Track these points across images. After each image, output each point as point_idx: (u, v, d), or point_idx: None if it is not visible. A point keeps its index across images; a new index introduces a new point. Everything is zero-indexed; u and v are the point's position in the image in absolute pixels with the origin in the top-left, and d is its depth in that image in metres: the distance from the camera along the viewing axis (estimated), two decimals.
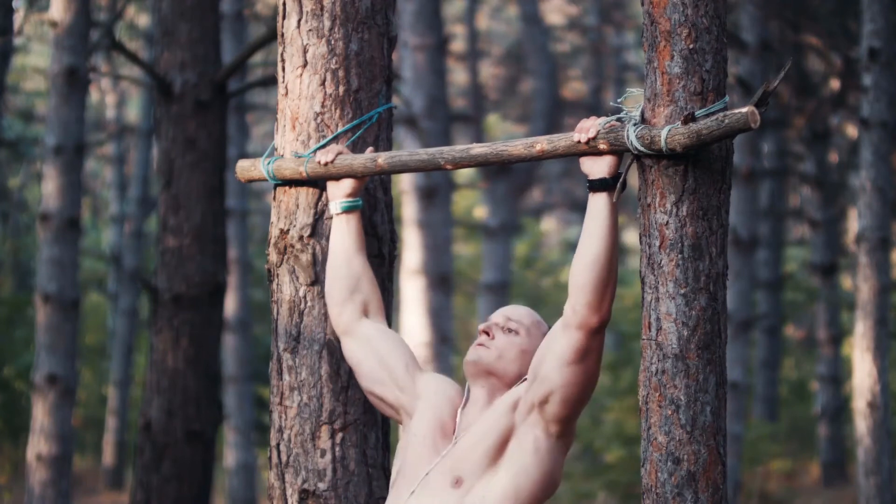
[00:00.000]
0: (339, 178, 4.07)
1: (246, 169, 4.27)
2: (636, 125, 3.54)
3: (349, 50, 4.18)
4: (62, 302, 7.33)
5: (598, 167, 3.63)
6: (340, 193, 4.07)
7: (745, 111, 3.39)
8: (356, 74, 4.19)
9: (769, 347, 15.45)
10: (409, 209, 11.77)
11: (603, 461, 13.46)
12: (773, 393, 15.53)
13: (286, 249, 4.18)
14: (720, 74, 3.52)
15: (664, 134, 3.47)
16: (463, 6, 19.98)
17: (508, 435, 3.71)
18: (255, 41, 7.07)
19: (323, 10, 4.18)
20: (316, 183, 4.15)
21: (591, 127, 3.62)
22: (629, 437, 12.31)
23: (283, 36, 4.23)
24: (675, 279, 3.49)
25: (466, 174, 20.92)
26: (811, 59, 13.70)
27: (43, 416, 7.24)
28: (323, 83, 4.17)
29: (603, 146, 3.61)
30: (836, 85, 12.87)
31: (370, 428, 4.15)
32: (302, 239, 4.17)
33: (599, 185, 3.62)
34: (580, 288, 3.62)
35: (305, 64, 4.18)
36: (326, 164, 4.06)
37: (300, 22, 4.19)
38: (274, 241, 4.21)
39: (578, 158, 3.67)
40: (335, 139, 4.16)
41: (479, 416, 3.79)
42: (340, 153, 4.07)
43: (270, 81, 6.93)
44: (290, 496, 4.12)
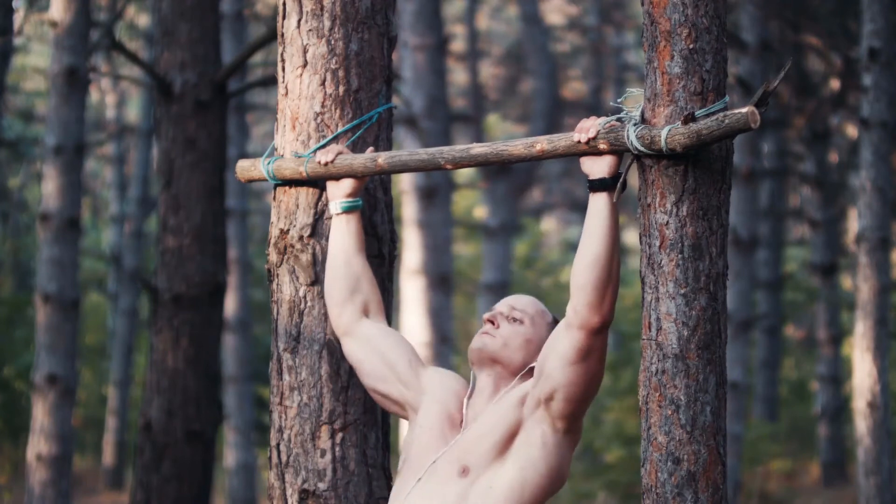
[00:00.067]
0: (339, 178, 4.06)
1: (246, 169, 4.27)
2: (636, 125, 3.54)
3: (349, 50, 4.18)
4: (62, 302, 7.33)
5: (598, 167, 3.63)
6: (340, 193, 4.07)
7: (745, 111, 3.39)
8: (356, 74, 4.19)
9: (769, 347, 15.45)
10: (409, 209, 11.76)
11: (603, 461, 13.45)
12: (773, 393, 15.53)
13: (286, 249, 4.18)
14: (720, 74, 3.52)
15: (664, 134, 3.47)
16: (463, 6, 19.98)
17: (516, 429, 3.72)
18: (255, 41, 7.07)
19: (323, 10, 4.18)
20: (316, 183, 4.15)
21: (591, 127, 3.62)
22: (629, 437, 12.30)
23: (283, 36, 4.23)
24: (675, 279, 3.49)
25: (466, 174, 20.91)
26: (811, 59, 13.70)
27: (43, 416, 7.24)
28: (323, 83, 4.17)
29: (603, 146, 3.61)
30: (836, 85, 12.87)
31: (370, 428, 4.15)
32: (302, 239, 4.16)
33: (599, 185, 3.62)
34: (581, 288, 3.62)
35: (305, 64, 4.18)
36: (326, 164, 4.06)
37: (300, 22, 4.19)
38: (274, 241, 4.21)
39: (578, 158, 3.67)
40: (335, 139, 4.16)
41: (485, 405, 3.81)
42: (340, 153, 4.06)
43: (270, 81, 6.93)
44: (290, 496, 4.12)
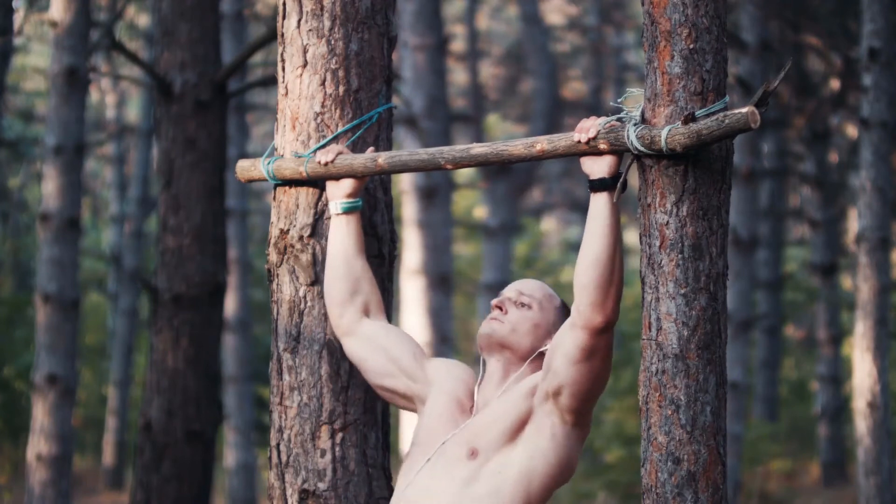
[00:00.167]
0: (339, 178, 4.06)
1: (246, 169, 4.27)
2: (636, 125, 3.54)
3: (349, 50, 4.18)
4: (62, 302, 7.33)
5: (598, 167, 3.63)
6: (340, 194, 4.06)
7: (745, 111, 3.39)
8: (356, 74, 4.19)
9: (769, 347, 15.45)
10: (409, 209, 11.76)
11: (603, 461, 13.45)
12: (773, 393, 15.52)
13: (286, 249, 4.18)
14: (720, 74, 3.52)
15: (664, 134, 3.46)
16: (463, 6, 19.98)
17: (526, 417, 3.73)
18: (255, 41, 7.06)
19: (323, 10, 4.18)
20: (316, 183, 4.14)
21: (591, 127, 3.62)
22: (629, 437, 12.30)
23: (283, 36, 4.23)
24: (675, 279, 3.49)
25: (466, 174, 20.91)
26: (811, 59, 13.70)
27: (43, 416, 7.24)
28: (323, 83, 4.17)
29: (603, 146, 3.60)
30: (836, 85, 12.86)
31: (370, 428, 4.15)
32: (302, 239, 4.16)
33: (599, 184, 3.61)
34: (583, 288, 3.62)
35: (305, 64, 4.18)
36: (326, 164, 4.06)
37: (300, 22, 4.19)
38: (274, 241, 4.21)
39: (579, 158, 3.67)
40: (335, 139, 4.15)
41: (495, 390, 3.82)
42: (340, 153, 4.06)
43: (270, 81, 6.93)
44: (290, 496, 4.12)
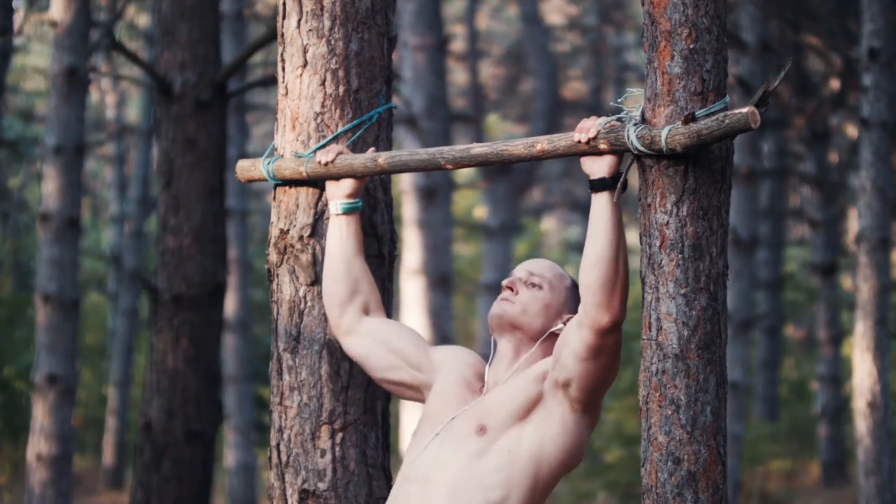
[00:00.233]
0: (339, 178, 4.06)
1: (246, 169, 4.26)
2: (636, 125, 3.54)
3: (349, 50, 4.18)
4: (62, 302, 7.33)
5: (598, 167, 3.62)
6: (340, 194, 4.06)
7: (745, 111, 3.38)
8: (356, 74, 4.19)
9: (769, 347, 15.45)
10: (409, 209, 11.76)
11: (603, 461, 13.45)
12: (773, 393, 15.53)
13: (286, 249, 4.18)
14: (720, 74, 3.52)
15: (664, 134, 3.46)
16: (463, 6, 19.98)
17: (536, 401, 3.74)
18: (255, 41, 7.06)
19: (323, 10, 4.17)
20: (316, 183, 4.14)
21: (591, 127, 3.62)
22: (629, 437, 12.30)
23: (283, 36, 4.23)
24: (675, 279, 3.49)
25: (466, 174, 20.91)
26: (811, 59, 13.70)
27: (43, 416, 7.23)
28: (323, 83, 4.17)
29: (603, 146, 3.60)
30: (836, 85, 12.86)
31: (370, 428, 4.15)
32: (302, 239, 4.16)
33: (600, 184, 3.61)
34: (588, 288, 3.62)
35: (305, 64, 4.18)
36: (326, 163, 4.05)
37: (300, 22, 4.19)
38: (274, 241, 4.21)
39: (579, 158, 3.67)
40: (335, 139, 4.15)
41: (507, 370, 3.83)
42: (340, 153, 4.06)
43: (270, 81, 6.93)
44: (290, 496, 4.12)
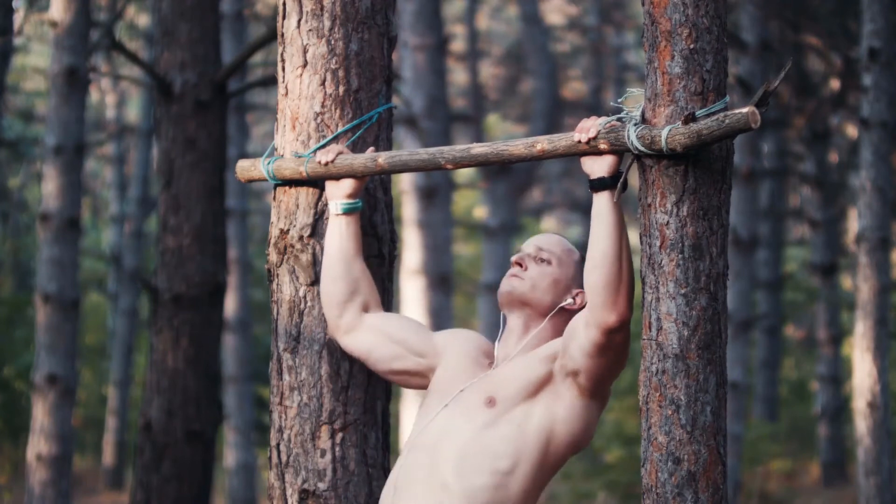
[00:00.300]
0: (339, 178, 4.06)
1: (246, 169, 4.26)
2: (636, 125, 3.54)
3: (349, 50, 4.18)
4: (62, 302, 7.33)
5: (598, 167, 3.62)
6: (340, 194, 4.05)
7: (745, 111, 3.38)
8: (356, 74, 4.18)
9: (769, 347, 15.45)
10: (409, 209, 11.76)
11: (603, 461, 13.45)
12: (773, 393, 15.53)
13: (286, 249, 4.18)
14: (720, 74, 3.52)
15: (664, 134, 3.46)
16: (463, 6, 19.98)
17: (546, 381, 3.74)
18: (255, 41, 7.06)
19: (323, 10, 4.17)
20: (316, 183, 4.14)
21: (591, 127, 3.62)
22: (629, 437, 12.30)
23: (283, 36, 4.23)
24: (675, 279, 3.49)
25: (466, 174, 20.91)
26: (811, 59, 13.70)
27: (43, 416, 7.23)
28: (323, 83, 4.17)
29: (603, 146, 3.60)
30: (836, 85, 12.87)
31: (370, 428, 4.15)
32: (302, 239, 4.16)
33: (599, 184, 3.61)
34: (592, 288, 3.62)
35: (305, 64, 4.18)
36: (327, 163, 4.05)
37: (300, 22, 4.19)
38: (274, 241, 4.21)
39: (579, 158, 3.67)
40: (335, 139, 4.15)
41: (516, 345, 3.83)
42: (340, 153, 4.06)
43: (270, 81, 6.92)
44: (290, 496, 4.12)
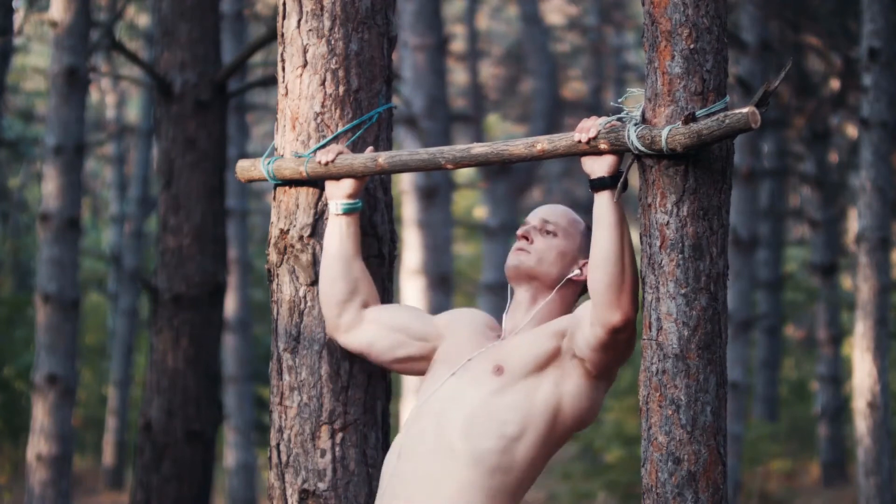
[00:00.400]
0: (339, 177, 4.06)
1: (246, 169, 4.26)
2: (637, 125, 3.54)
3: (349, 50, 4.18)
4: (62, 302, 7.33)
5: (598, 167, 3.63)
6: (340, 194, 4.05)
7: (745, 111, 3.38)
8: (356, 74, 4.18)
9: (769, 347, 15.45)
10: (409, 209, 11.76)
11: (603, 461, 13.45)
12: (773, 393, 15.52)
13: (286, 249, 4.18)
14: (721, 74, 3.52)
15: (665, 134, 3.46)
16: (463, 6, 19.98)
17: (553, 356, 3.75)
18: (255, 41, 7.06)
19: (323, 10, 4.17)
20: (316, 183, 4.14)
21: (591, 127, 3.62)
22: (629, 437, 12.30)
23: (283, 36, 4.23)
24: (675, 279, 3.49)
25: (466, 174, 20.92)
26: (811, 59, 13.70)
27: (43, 416, 7.23)
28: (323, 83, 4.17)
29: (603, 146, 3.60)
30: (836, 85, 12.87)
31: (370, 428, 4.15)
32: (302, 239, 4.16)
33: (599, 184, 3.62)
34: (596, 288, 3.63)
35: (305, 64, 4.18)
36: (327, 163, 4.05)
37: (300, 22, 4.19)
38: (274, 241, 4.21)
39: (579, 158, 3.67)
40: (335, 139, 4.15)
41: (524, 317, 3.85)
42: (340, 153, 4.06)
43: (270, 81, 6.92)
44: (290, 496, 4.12)
